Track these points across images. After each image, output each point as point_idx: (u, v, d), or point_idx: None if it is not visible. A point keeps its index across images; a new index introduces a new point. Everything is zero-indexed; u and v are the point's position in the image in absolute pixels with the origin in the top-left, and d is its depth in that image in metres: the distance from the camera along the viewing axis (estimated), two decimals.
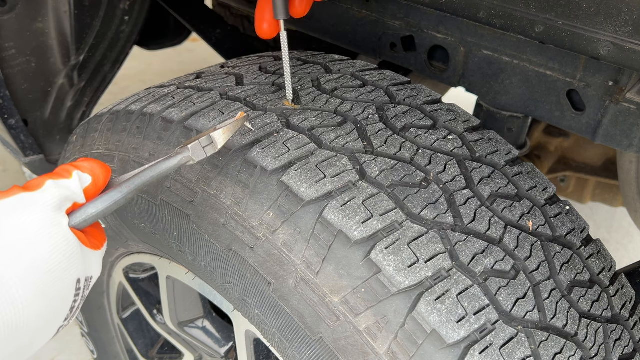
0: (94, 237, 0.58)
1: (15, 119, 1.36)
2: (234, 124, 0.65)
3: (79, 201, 0.55)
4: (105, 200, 0.56)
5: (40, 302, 0.49)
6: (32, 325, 0.49)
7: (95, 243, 0.57)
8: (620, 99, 0.79)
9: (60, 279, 0.51)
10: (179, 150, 0.62)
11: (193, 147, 0.62)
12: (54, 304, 0.51)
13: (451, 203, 0.67)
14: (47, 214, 0.51)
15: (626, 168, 1.40)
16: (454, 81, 0.97)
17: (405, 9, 0.97)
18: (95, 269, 0.57)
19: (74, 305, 0.54)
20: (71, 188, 0.54)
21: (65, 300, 0.53)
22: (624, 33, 0.64)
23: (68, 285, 0.52)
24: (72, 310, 0.54)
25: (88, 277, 0.55)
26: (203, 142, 0.62)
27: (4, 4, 1.22)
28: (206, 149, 0.63)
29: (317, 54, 0.98)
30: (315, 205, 0.64)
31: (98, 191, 0.58)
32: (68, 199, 0.54)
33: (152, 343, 1.25)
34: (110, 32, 1.49)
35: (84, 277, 0.54)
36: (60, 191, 0.53)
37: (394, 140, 0.73)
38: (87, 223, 0.55)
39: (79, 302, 0.55)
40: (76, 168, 0.56)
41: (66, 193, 0.53)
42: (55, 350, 1.79)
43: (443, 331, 0.58)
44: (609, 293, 0.73)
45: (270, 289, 0.68)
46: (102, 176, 0.58)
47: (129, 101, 0.89)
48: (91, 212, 0.55)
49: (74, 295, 0.53)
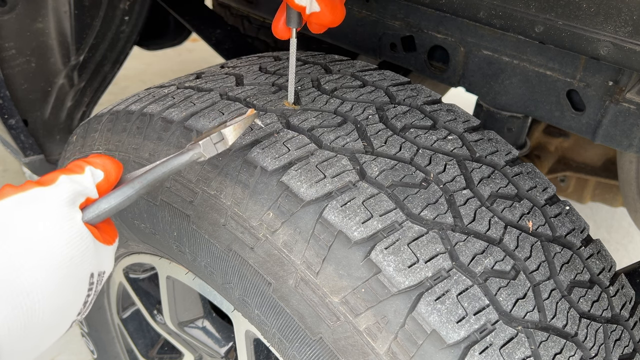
0: (106, 232, 0.58)
1: (15, 119, 1.36)
2: (245, 121, 0.65)
3: (91, 196, 0.56)
4: (118, 196, 0.57)
5: (55, 296, 0.50)
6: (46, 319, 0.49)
7: (107, 238, 0.58)
8: (620, 99, 0.79)
9: (74, 273, 0.51)
10: (190, 147, 0.62)
11: (204, 144, 0.62)
12: (69, 297, 0.52)
13: (451, 203, 0.67)
14: (61, 209, 0.51)
15: (626, 168, 1.40)
16: (454, 81, 0.97)
17: (405, 9, 0.97)
18: (108, 264, 0.57)
19: (87, 299, 0.55)
20: (84, 183, 0.55)
21: (79, 294, 0.53)
22: (624, 33, 0.64)
23: (82, 280, 0.53)
24: (85, 304, 0.55)
25: (101, 272, 0.56)
26: (214, 138, 0.62)
27: (4, 4, 1.22)
28: (217, 145, 0.63)
29: (317, 54, 0.98)
30: (315, 205, 0.64)
31: (110, 187, 0.58)
32: (81, 194, 0.54)
33: (152, 343, 1.25)
34: (110, 32, 1.49)
35: (97, 272, 0.55)
36: (73, 186, 0.53)
37: (394, 141, 0.73)
38: (100, 218, 0.55)
39: (92, 296, 0.55)
40: (88, 164, 0.57)
41: (79, 188, 0.54)
42: (55, 350, 1.79)
43: (443, 331, 0.58)
44: (609, 293, 0.73)
45: (270, 289, 0.68)
46: (114, 172, 0.58)
47: (129, 101, 0.89)
48: (104, 207, 0.55)
49: (88, 289, 0.54)
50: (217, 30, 1.60)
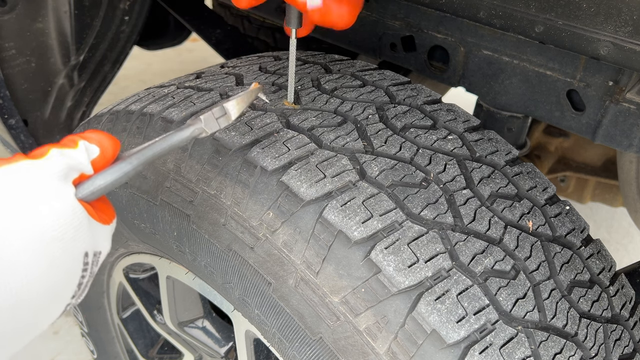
0: (102, 211, 0.55)
1: (15, 119, 1.36)
2: (248, 94, 0.62)
3: (86, 172, 0.53)
4: (114, 172, 0.53)
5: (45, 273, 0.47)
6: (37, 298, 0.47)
7: (104, 217, 0.55)
8: (620, 99, 0.79)
9: (67, 249, 0.48)
10: (191, 122, 0.58)
11: (206, 118, 0.58)
12: (61, 276, 0.49)
13: (451, 203, 0.67)
14: (52, 182, 0.48)
15: (626, 168, 1.40)
16: (454, 81, 0.97)
17: (405, 9, 0.97)
18: (105, 245, 0.55)
19: (81, 281, 0.52)
20: (77, 158, 0.52)
21: (73, 274, 0.51)
22: (624, 33, 0.64)
23: (75, 258, 0.50)
24: (79, 286, 0.52)
25: (97, 252, 0.53)
26: (216, 112, 0.59)
27: (4, 4, 1.22)
28: (219, 120, 0.59)
29: (317, 54, 0.98)
30: (315, 205, 0.64)
31: (107, 163, 0.55)
32: (74, 169, 0.51)
33: (152, 343, 1.25)
34: (110, 32, 1.49)
35: (92, 252, 0.52)
36: (65, 160, 0.50)
37: (394, 140, 0.73)
38: (95, 195, 0.52)
39: (87, 278, 0.52)
40: (83, 138, 0.54)
41: (72, 162, 0.51)
42: (55, 350, 1.79)
43: (443, 331, 0.58)
44: (609, 293, 0.73)
45: (270, 289, 0.68)
46: (111, 148, 0.55)
47: (129, 101, 0.89)
48: (99, 183, 0.52)
49: (82, 270, 0.51)
50: (217, 30, 1.60)
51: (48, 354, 1.77)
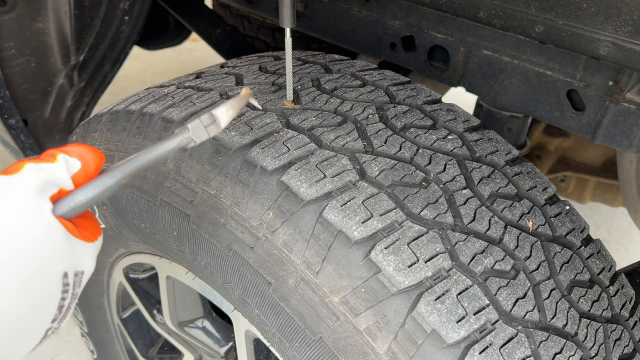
0: (85, 228, 0.52)
1: (15, 119, 1.36)
2: (239, 100, 0.59)
3: (65, 187, 0.49)
4: (95, 187, 0.50)
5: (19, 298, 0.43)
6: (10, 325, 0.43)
7: (87, 235, 0.51)
8: (620, 99, 0.79)
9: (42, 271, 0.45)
10: (178, 131, 0.55)
11: (193, 127, 0.55)
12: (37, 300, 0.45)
13: (451, 203, 0.67)
14: (26, 199, 0.45)
15: (626, 168, 1.40)
16: (454, 81, 0.97)
17: (405, 9, 0.97)
18: (88, 264, 0.51)
19: (62, 303, 0.48)
20: (55, 172, 0.49)
21: (51, 297, 0.46)
22: (624, 33, 0.64)
23: (52, 280, 0.46)
24: (60, 309, 0.48)
25: (78, 272, 0.49)
26: (204, 120, 0.55)
27: (4, 4, 1.22)
28: (208, 128, 0.55)
29: (317, 54, 0.98)
30: (315, 205, 0.64)
31: (89, 178, 0.51)
32: (51, 184, 0.48)
33: (152, 343, 1.25)
34: (110, 32, 1.49)
35: (73, 272, 0.48)
36: (41, 174, 0.47)
37: (394, 140, 0.73)
38: (76, 212, 0.49)
39: (68, 300, 0.48)
40: (62, 152, 0.50)
41: (49, 177, 0.48)
42: (55, 350, 1.79)
43: (443, 331, 0.58)
44: (609, 293, 0.73)
45: (270, 289, 0.68)
46: (94, 162, 0.52)
47: (128, 101, 0.89)
48: (79, 199, 0.49)
49: (62, 292, 0.47)
50: (217, 30, 1.60)
51: (48, 353, 1.77)
